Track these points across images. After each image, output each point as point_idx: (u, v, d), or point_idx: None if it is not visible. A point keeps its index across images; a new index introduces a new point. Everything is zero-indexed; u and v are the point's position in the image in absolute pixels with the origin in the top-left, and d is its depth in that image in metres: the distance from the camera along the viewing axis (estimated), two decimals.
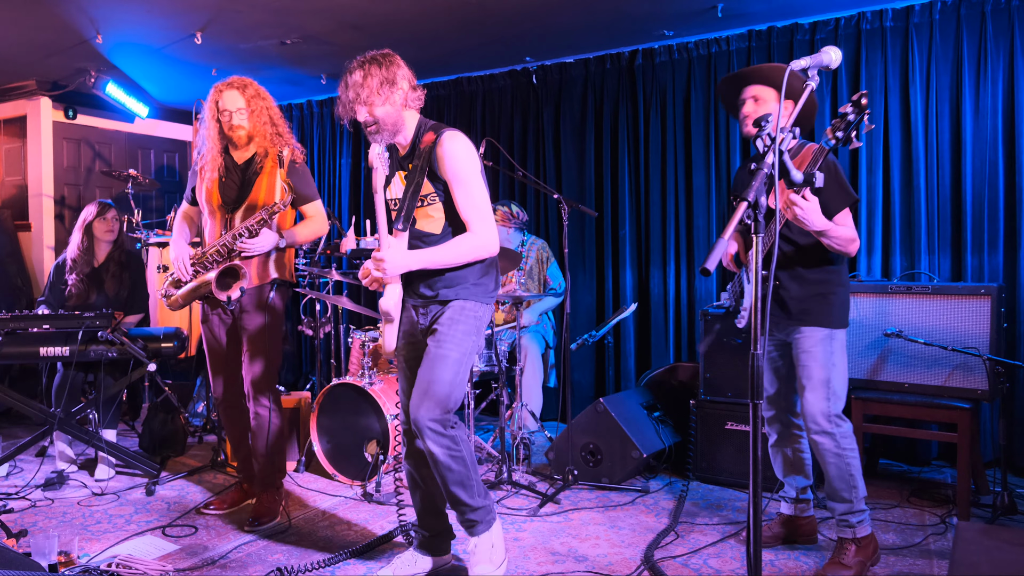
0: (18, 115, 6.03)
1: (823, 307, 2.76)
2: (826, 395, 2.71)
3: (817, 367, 2.73)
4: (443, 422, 2.50)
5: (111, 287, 4.21)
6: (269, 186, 3.24)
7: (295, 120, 6.59)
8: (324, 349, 5.49)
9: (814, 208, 2.51)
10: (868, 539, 2.74)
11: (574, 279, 5.24)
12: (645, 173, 5.06)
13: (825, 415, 2.70)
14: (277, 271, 3.33)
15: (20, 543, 2.87)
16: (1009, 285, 3.98)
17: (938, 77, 4.16)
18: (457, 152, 2.49)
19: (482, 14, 4.41)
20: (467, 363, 2.57)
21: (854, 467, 2.71)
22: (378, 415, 3.74)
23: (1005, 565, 2.02)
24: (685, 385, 4.25)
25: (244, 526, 3.22)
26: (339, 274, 4.47)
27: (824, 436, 2.71)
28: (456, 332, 2.54)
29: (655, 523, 3.29)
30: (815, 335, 2.75)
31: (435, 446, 2.49)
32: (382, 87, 2.46)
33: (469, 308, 2.57)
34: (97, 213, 4.17)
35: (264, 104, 3.23)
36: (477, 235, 2.51)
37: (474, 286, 2.59)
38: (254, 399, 3.27)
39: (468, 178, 2.51)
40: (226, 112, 3.16)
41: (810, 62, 2.02)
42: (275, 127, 3.27)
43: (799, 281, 2.78)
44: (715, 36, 4.75)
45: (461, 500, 2.56)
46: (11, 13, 4.35)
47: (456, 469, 2.52)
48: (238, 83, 3.20)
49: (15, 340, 3.60)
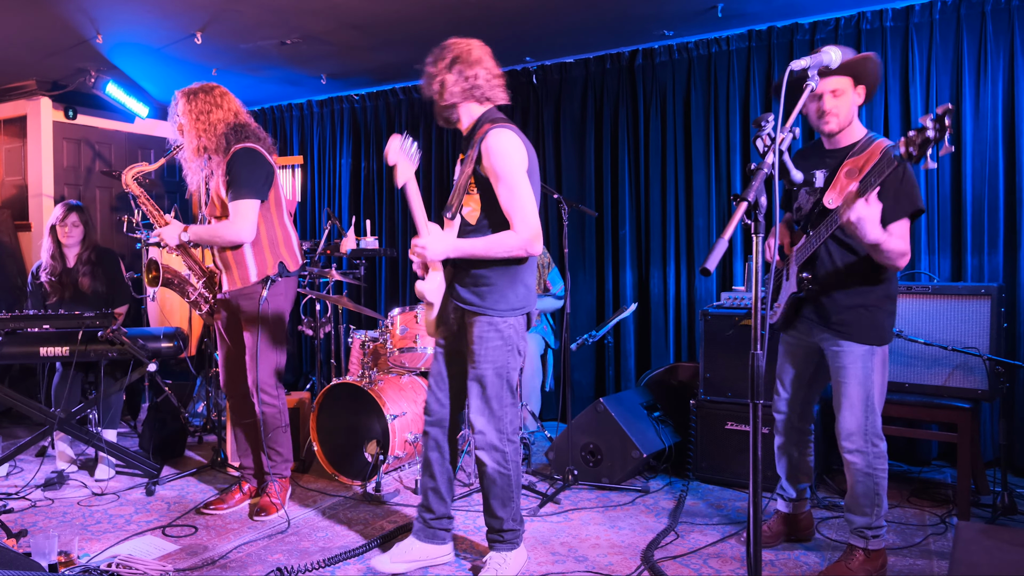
0: (18, 115, 6.03)
1: (865, 321, 2.60)
2: (864, 414, 2.62)
3: (855, 385, 2.61)
4: (499, 437, 2.66)
5: (87, 285, 4.23)
6: (221, 198, 3.25)
7: (295, 120, 6.59)
8: (324, 349, 5.48)
9: (873, 217, 2.34)
10: (878, 553, 2.70)
11: (574, 279, 5.24)
12: (645, 173, 5.06)
13: (861, 434, 2.62)
14: (258, 271, 3.26)
15: (20, 543, 2.87)
16: (1009, 285, 3.98)
17: (938, 77, 4.16)
18: (500, 147, 2.53)
19: (482, 14, 4.41)
20: (508, 373, 2.67)
21: (882, 487, 2.65)
22: (378, 415, 3.74)
23: (1005, 565, 2.02)
24: (685, 385, 4.25)
25: (252, 516, 3.33)
26: (339, 274, 4.47)
27: (858, 455, 2.64)
28: (487, 349, 2.64)
29: (655, 523, 3.29)
30: (854, 351, 2.61)
31: (486, 458, 2.67)
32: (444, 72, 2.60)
33: (495, 324, 2.63)
34: (59, 218, 4.19)
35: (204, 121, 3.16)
36: (518, 234, 2.54)
37: (502, 299, 2.62)
38: (257, 396, 3.30)
39: (509, 175, 2.53)
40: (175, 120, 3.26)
41: (810, 62, 2.02)
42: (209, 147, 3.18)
43: (843, 289, 2.61)
44: (715, 36, 4.75)
45: (495, 514, 2.72)
46: (11, 13, 4.35)
47: (500, 485, 2.68)
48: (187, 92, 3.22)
49: (15, 340, 3.59)
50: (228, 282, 3.31)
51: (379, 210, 6.17)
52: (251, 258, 3.25)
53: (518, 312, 2.66)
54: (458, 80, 2.58)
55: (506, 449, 2.67)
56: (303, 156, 6.53)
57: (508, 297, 2.62)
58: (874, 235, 2.37)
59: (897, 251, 2.45)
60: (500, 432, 2.67)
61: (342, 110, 6.34)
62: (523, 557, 2.79)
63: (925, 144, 2.11)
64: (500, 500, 2.70)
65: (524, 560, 2.79)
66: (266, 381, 3.30)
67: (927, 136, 2.09)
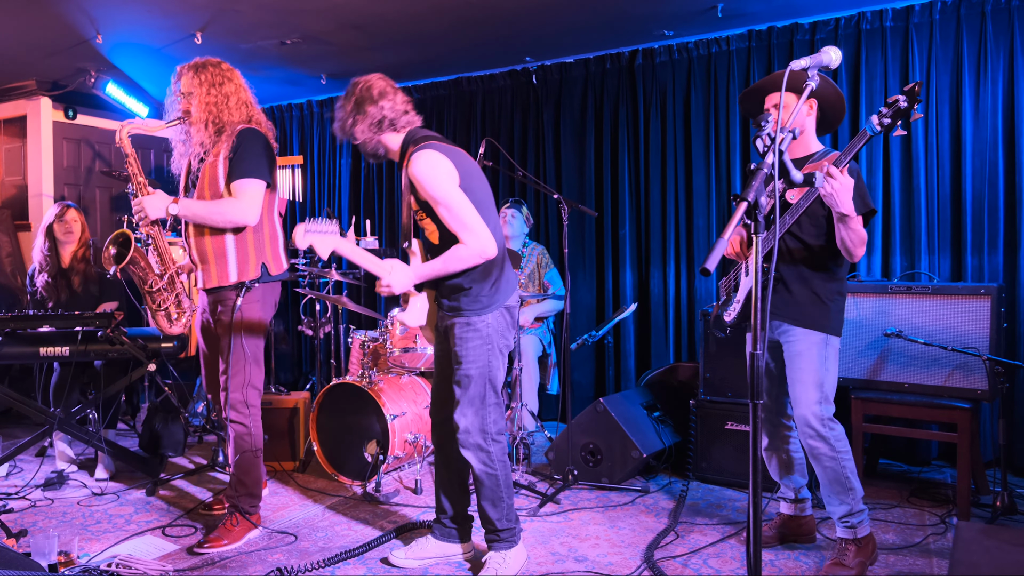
0: (18, 115, 6.02)
1: (823, 311, 2.73)
2: (818, 399, 2.69)
3: (811, 370, 2.71)
4: (482, 436, 2.68)
5: (79, 284, 4.23)
6: (212, 189, 2.95)
7: (295, 120, 6.59)
8: (324, 349, 5.49)
9: (848, 187, 2.47)
10: (867, 539, 2.74)
11: (574, 279, 5.24)
12: (645, 173, 5.06)
13: (819, 418, 2.69)
14: (239, 271, 2.97)
15: (20, 543, 2.87)
16: (1009, 285, 3.98)
17: (938, 77, 4.16)
18: (423, 173, 2.56)
19: (482, 14, 4.41)
20: (491, 372, 2.70)
21: (849, 468, 2.70)
22: (378, 415, 3.74)
23: (1005, 565, 2.02)
24: (685, 385, 4.25)
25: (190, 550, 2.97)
26: (339, 274, 4.46)
27: (818, 440, 2.69)
28: (467, 350, 2.68)
29: (655, 523, 3.29)
30: (811, 338, 2.72)
31: (471, 458, 2.69)
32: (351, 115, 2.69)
33: (472, 324, 2.68)
34: (56, 216, 4.18)
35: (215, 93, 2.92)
36: (467, 246, 2.59)
37: (475, 300, 2.67)
38: (228, 411, 3.01)
39: (442, 196, 2.56)
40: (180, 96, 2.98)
41: (810, 62, 2.02)
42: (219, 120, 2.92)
43: (802, 282, 2.74)
44: (715, 36, 4.75)
45: (487, 515, 2.73)
46: (11, 13, 4.35)
47: (487, 485, 2.70)
48: (194, 65, 2.97)
49: (15, 340, 3.59)
50: (204, 278, 3.01)
51: (379, 210, 6.17)
52: (233, 253, 2.96)
53: (493, 308, 2.69)
54: (366, 118, 2.66)
55: (491, 449, 2.69)
56: (303, 156, 6.53)
57: (481, 297, 2.67)
58: (848, 206, 2.50)
59: (859, 235, 2.58)
60: (484, 432, 2.68)
61: None
62: (523, 555, 2.80)
63: (897, 113, 2.38)
64: (490, 500, 2.72)
65: (524, 559, 2.80)
66: (235, 398, 2.99)
67: (899, 107, 2.37)
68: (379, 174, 6.18)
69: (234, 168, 2.91)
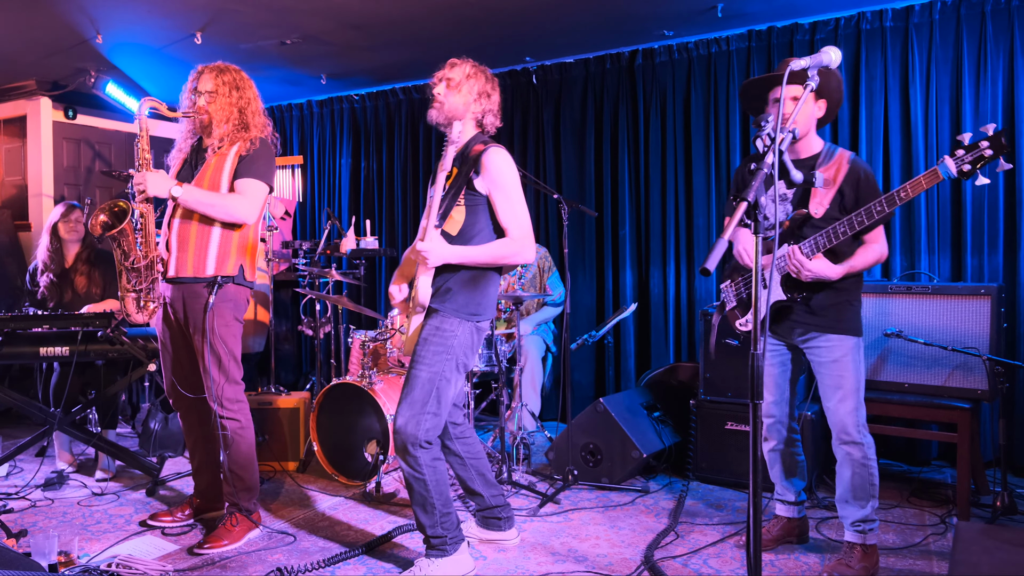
0: (18, 115, 6.03)
1: (853, 313, 2.71)
2: (856, 405, 2.68)
3: (850, 376, 2.68)
4: (410, 440, 2.60)
5: (82, 285, 4.23)
6: (213, 178, 2.96)
7: (295, 120, 6.59)
8: (324, 349, 5.48)
9: (822, 266, 2.56)
10: (874, 548, 2.74)
11: (574, 279, 5.24)
12: (645, 173, 5.06)
13: (856, 426, 2.67)
14: (217, 265, 2.95)
15: (20, 543, 2.87)
16: (1009, 285, 3.98)
17: (938, 77, 4.16)
18: (501, 164, 2.67)
19: (482, 14, 4.41)
20: (440, 382, 2.63)
21: (876, 478, 2.70)
22: (378, 415, 3.74)
23: (1005, 565, 2.02)
24: (685, 385, 4.25)
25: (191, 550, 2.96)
26: (339, 274, 4.46)
27: (854, 446, 2.68)
28: (427, 352, 2.65)
29: (655, 523, 3.29)
30: (845, 343, 2.69)
31: (401, 461, 2.65)
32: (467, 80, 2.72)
33: (442, 328, 2.65)
34: (62, 215, 4.19)
35: (236, 95, 3.01)
36: (515, 241, 2.66)
37: (451, 300, 2.66)
38: (220, 409, 2.98)
39: (509, 189, 2.68)
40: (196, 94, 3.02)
41: (810, 62, 2.02)
42: (241, 122, 3.01)
43: (827, 288, 2.69)
44: (715, 36, 4.75)
45: (419, 520, 2.69)
46: (11, 13, 4.35)
47: (416, 490, 2.64)
48: (216, 67, 3.04)
49: (15, 340, 3.59)
50: (176, 266, 2.96)
51: (379, 210, 6.17)
52: (215, 246, 2.94)
53: (468, 320, 2.66)
54: (487, 98, 2.75)
55: (416, 454, 2.60)
56: (303, 156, 6.54)
57: (459, 300, 2.66)
58: (835, 273, 2.61)
59: (873, 260, 2.66)
60: (413, 436, 2.58)
61: (342, 110, 6.34)
62: (455, 568, 2.68)
63: (978, 162, 2.29)
64: (420, 505, 2.65)
65: (459, 571, 2.69)
66: (224, 395, 2.98)
67: (983, 155, 2.27)
68: (379, 174, 6.18)
69: (246, 167, 2.98)
